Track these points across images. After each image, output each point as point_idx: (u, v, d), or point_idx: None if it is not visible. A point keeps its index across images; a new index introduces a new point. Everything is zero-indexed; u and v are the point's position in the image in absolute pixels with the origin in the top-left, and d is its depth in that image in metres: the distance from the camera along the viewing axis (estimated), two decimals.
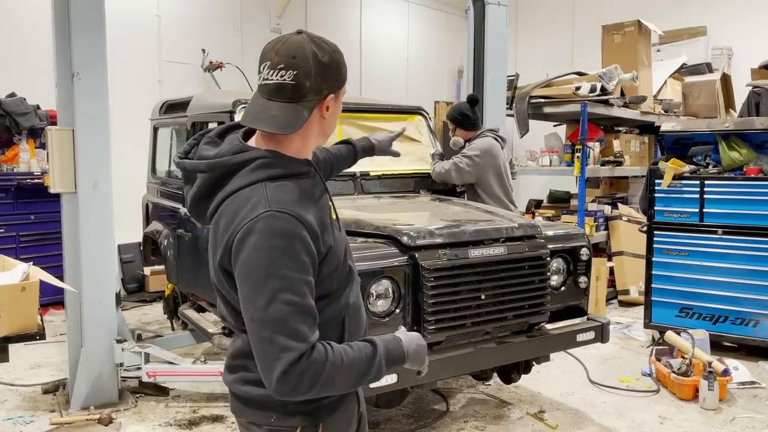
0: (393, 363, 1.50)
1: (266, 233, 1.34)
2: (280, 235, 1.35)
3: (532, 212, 7.28)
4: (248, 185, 1.42)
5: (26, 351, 4.69)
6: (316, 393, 1.38)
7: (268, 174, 1.43)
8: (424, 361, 1.59)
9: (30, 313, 2.61)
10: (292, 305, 1.34)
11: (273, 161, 1.45)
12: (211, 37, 7.44)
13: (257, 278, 1.34)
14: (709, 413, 3.88)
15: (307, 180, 1.50)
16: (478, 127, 4.71)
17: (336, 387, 1.41)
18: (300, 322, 1.34)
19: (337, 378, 1.38)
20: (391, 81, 9.21)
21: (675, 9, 8.38)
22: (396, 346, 1.51)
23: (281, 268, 1.34)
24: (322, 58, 1.43)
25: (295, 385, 1.33)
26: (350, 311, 1.56)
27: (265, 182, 1.41)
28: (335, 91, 1.48)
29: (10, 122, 5.78)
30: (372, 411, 3.66)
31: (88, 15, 3.75)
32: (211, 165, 1.48)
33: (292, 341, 1.33)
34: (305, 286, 1.37)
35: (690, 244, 4.99)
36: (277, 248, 1.34)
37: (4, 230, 5.77)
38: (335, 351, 1.39)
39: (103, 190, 3.87)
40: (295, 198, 1.41)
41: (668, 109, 7.15)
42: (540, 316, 3.39)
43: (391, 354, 1.48)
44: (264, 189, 1.40)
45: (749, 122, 4.97)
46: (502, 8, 5.48)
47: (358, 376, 1.43)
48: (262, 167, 1.43)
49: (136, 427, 3.65)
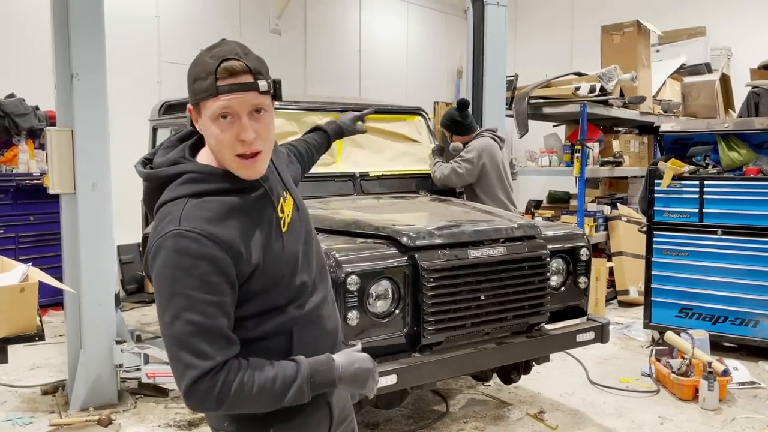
0: (321, 386, 1.44)
1: (172, 252, 1.33)
2: (185, 254, 1.32)
3: (532, 212, 7.28)
4: (172, 200, 1.40)
5: (25, 352, 4.68)
6: (228, 410, 1.38)
7: (193, 190, 1.40)
8: (367, 385, 1.52)
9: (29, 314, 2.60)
10: (194, 325, 1.32)
11: (201, 176, 1.42)
12: (210, 37, 7.25)
13: (163, 295, 1.35)
14: (709, 413, 3.88)
15: (243, 196, 1.44)
16: (472, 129, 4.72)
17: (249, 406, 1.39)
18: (202, 342, 1.33)
19: (248, 397, 1.37)
20: (390, 81, 9.21)
21: (674, 9, 8.38)
22: (327, 369, 1.45)
23: (185, 288, 1.32)
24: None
25: (200, 401, 1.35)
26: (301, 322, 1.50)
27: (189, 198, 1.39)
28: (193, 102, 1.41)
29: (9, 123, 5.78)
30: (372, 412, 3.66)
31: (87, 16, 3.75)
32: (146, 175, 1.48)
33: (195, 359, 1.33)
34: (212, 307, 1.34)
35: (689, 245, 4.99)
36: (181, 268, 1.32)
37: (3, 231, 5.76)
38: (248, 371, 1.37)
39: (103, 190, 3.86)
40: (214, 215, 1.37)
41: (667, 109, 7.15)
42: (540, 317, 3.39)
43: (318, 376, 1.43)
44: (183, 206, 1.38)
45: (748, 122, 4.97)
46: (502, 9, 5.48)
47: (274, 397, 1.39)
48: (189, 182, 1.41)
49: (136, 428, 3.65)
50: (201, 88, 1.36)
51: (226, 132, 1.37)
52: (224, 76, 1.35)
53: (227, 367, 1.35)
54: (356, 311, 2.81)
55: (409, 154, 4.47)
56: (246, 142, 1.37)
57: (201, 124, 1.43)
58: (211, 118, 1.37)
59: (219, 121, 1.37)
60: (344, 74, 8.78)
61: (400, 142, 4.45)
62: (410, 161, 4.45)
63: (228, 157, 1.40)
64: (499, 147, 4.67)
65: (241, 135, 1.37)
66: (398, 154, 4.41)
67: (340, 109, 4.18)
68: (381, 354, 2.89)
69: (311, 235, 1.63)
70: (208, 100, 1.36)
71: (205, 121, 1.40)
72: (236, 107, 1.36)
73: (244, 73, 1.36)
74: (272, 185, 1.51)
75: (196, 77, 1.38)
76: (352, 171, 4.09)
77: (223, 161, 1.42)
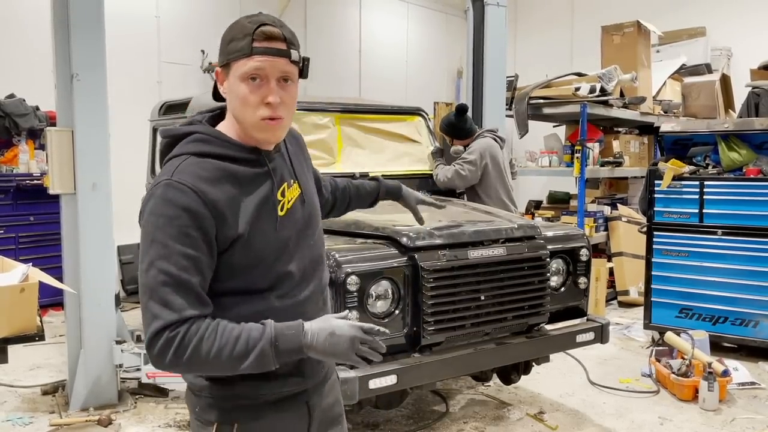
0: (287, 353, 1.38)
1: (160, 200, 1.38)
2: (171, 203, 1.37)
3: (532, 213, 7.28)
4: (178, 155, 1.46)
5: (25, 352, 4.68)
6: (187, 367, 1.37)
7: (198, 149, 1.46)
8: (347, 355, 1.42)
9: (29, 314, 2.60)
10: (166, 275, 1.34)
11: (208, 138, 1.47)
12: (211, 37, 7.42)
13: (145, 242, 1.39)
14: (709, 414, 3.88)
15: (244, 167, 1.47)
16: (472, 132, 4.75)
17: (208, 365, 1.36)
18: (171, 293, 1.35)
19: (208, 355, 1.34)
20: (390, 82, 9.21)
21: (674, 9, 8.38)
22: (294, 333, 1.39)
23: (164, 237, 1.36)
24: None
25: (160, 355, 1.35)
26: (280, 314, 1.45)
27: (191, 156, 1.44)
28: (222, 64, 1.47)
29: (9, 123, 5.77)
30: (371, 412, 3.66)
31: (87, 16, 3.75)
32: (165, 132, 1.54)
33: (163, 310, 1.34)
34: (187, 260, 1.36)
35: (690, 245, 4.99)
36: (165, 216, 1.36)
37: (4, 231, 5.76)
38: (211, 327, 1.36)
39: (103, 191, 3.86)
40: (208, 175, 1.41)
41: (668, 109, 7.15)
42: (539, 317, 3.39)
43: (283, 340, 1.38)
44: (183, 161, 1.43)
45: (749, 123, 4.98)
46: (502, 9, 5.48)
47: (235, 358, 1.35)
48: (196, 141, 1.47)
49: (136, 428, 3.65)
50: (236, 47, 1.42)
51: (254, 93, 1.42)
52: (260, 39, 1.41)
53: (192, 322, 1.35)
54: (356, 311, 2.81)
55: (409, 154, 4.47)
56: (272, 105, 1.43)
57: (227, 86, 1.47)
58: (240, 77, 1.42)
59: (248, 82, 1.42)
60: (344, 74, 8.77)
61: (400, 143, 4.45)
62: (410, 161, 4.45)
63: (251, 118, 1.44)
64: (499, 147, 4.68)
65: (268, 97, 1.42)
66: (398, 155, 4.41)
67: (339, 110, 4.19)
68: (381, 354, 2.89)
69: (312, 229, 1.62)
70: (242, 60, 1.41)
71: (232, 82, 1.44)
72: (267, 70, 1.42)
73: (279, 39, 1.43)
74: (277, 167, 1.54)
75: (232, 38, 1.44)
76: (352, 171, 4.08)
77: (245, 122, 1.46)
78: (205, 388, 1.49)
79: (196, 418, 1.54)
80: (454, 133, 4.75)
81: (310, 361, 1.54)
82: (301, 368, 1.54)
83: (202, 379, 1.50)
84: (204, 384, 1.49)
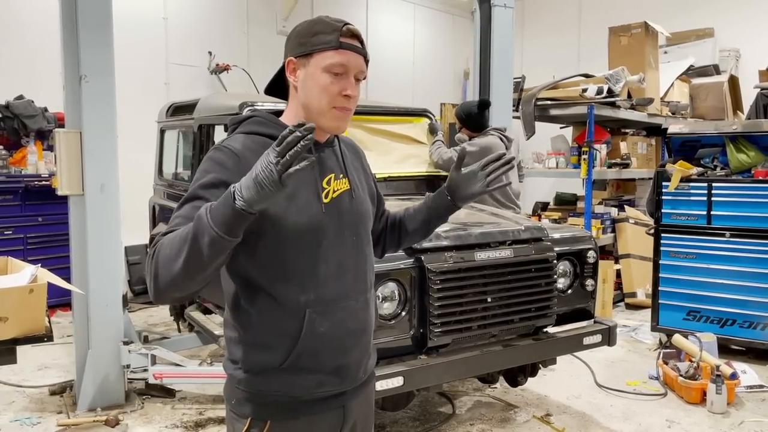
0: (220, 209, 1.25)
1: (207, 159, 1.50)
2: (213, 160, 1.48)
3: (539, 215, 7.26)
4: (239, 133, 1.57)
5: (33, 352, 4.71)
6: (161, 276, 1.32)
7: (253, 129, 1.57)
8: (270, 172, 1.19)
9: (38, 315, 2.61)
10: (180, 217, 1.41)
11: (263, 121, 1.58)
12: (218, 39, 7.47)
13: (188, 192, 1.46)
14: (717, 417, 3.86)
15: None
16: (483, 128, 4.78)
17: (171, 261, 1.30)
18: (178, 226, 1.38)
19: (168, 249, 1.31)
20: (397, 83, 9.22)
21: (682, 11, 8.35)
22: (225, 195, 1.26)
23: (198, 188, 1.44)
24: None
25: (147, 271, 1.36)
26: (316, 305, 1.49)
27: (246, 134, 1.55)
28: (294, 54, 1.54)
29: (18, 124, 5.81)
30: (378, 413, 3.65)
31: (95, 18, 3.76)
32: (231, 119, 1.66)
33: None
34: None
35: (697, 247, 4.97)
36: (204, 170, 1.47)
37: (12, 232, 5.79)
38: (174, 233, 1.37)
39: (110, 192, 3.88)
40: (254, 147, 1.48)
41: (675, 111, 7.12)
42: (546, 319, 3.38)
43: (216, 204, 1.26)
44: (237, 134, 1.56)
45: (757, 124, 4.95)
46: (509, 10, 5.47)
47: (183, 239, 1.28)
48: (252, 123, 1.58)
49: (143, 428, 3.66)
50: (323, 39, 1.51)
51: (335, 84, 1.51)
52: (347, 35, 1.52)
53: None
54: None
55: (415, 156, 4.46)
56: (349, 98, 1.52)
57: (303, 75, 1.52)
58: (323, 68, 1.50)
59: (330, 74, 1.50)
60: None
61: (407, 144, 4.45)
62: (417, 163, 4.45)
63: (326, 106, 1.52)
64: (505, 147, 4.66)
65: (347, 89, 1.51)
66: (405, 156, 4.41)
67: None
68: (388, 356, 2.89)
69: (358, 228, 1.61)
70: (328, 51, 1.50)
71: (312, 72, 1.51)
72: (351, 64, 1.52)
73: (360, 40, 1.56)
74: (325, 158, 1.60)
75: (318, 31, 1.52)
76: None
77: (318, 108, 1.52)
78: (243, 381, 1.53)
79: (231, 410, 1.57)
80: (467, 123, 4.81)
81: (348, 363, 1.57)
82: (339, 370, 1.56)
83: (240, 372, 1.53)
84: (242, 377, 1.53)
